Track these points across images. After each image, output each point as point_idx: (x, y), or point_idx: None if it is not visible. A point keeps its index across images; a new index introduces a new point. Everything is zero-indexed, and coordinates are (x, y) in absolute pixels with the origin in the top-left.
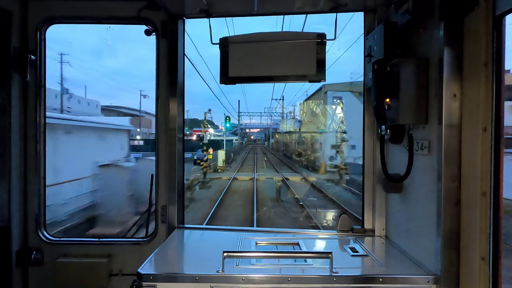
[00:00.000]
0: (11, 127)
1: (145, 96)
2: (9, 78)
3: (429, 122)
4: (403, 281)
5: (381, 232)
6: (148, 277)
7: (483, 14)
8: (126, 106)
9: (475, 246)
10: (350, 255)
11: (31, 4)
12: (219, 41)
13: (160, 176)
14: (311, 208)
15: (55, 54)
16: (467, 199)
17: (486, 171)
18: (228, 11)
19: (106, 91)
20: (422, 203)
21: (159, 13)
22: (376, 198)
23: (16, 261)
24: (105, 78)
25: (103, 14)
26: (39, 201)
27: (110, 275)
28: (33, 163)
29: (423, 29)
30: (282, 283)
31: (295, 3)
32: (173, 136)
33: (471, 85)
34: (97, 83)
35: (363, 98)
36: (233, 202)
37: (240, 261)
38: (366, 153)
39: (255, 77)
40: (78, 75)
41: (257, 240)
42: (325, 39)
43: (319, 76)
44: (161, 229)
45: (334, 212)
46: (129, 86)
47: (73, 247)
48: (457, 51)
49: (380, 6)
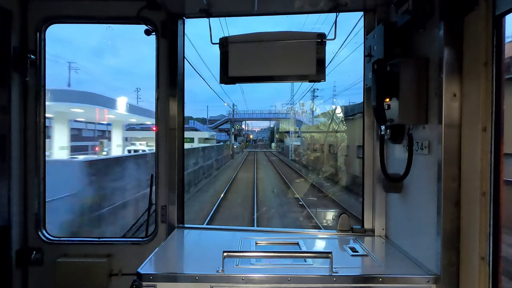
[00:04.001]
0: (11, 127)
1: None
2: (9, 78)
3: (429, 122)
4: (403, 281)
5: (381, 232)
6: (148, 277)
7: (483, 14)
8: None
9: (475, 246)
10: (350, 255)
11: (31, 4)
12: (219, 41)
13: (160, 175)
14: None
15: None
16: (467, 199)
17: (486, 171)
18: (228, 11)
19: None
20: (422, 203)
21: (159, 13)
22: (376, 198)
23: (16, 261)
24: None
25: (103, 14)
26: (39, 201)
27: (110, 275)
28: (33, 163)
29: (423, 29)
30: (282, 283)
31: (295, 3)
32: (173, 136)
33: (471, 85)
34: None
35: (363, 98)
36: None
37: (240, 261)
38: (366, 153)
39: (255, 77)
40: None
41: (257, 240)
42: (325, 39)
43: (319, 76)
44: (161, 229)
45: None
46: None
47: (73, 247)
48: (457, 51)
49: (380, 6)
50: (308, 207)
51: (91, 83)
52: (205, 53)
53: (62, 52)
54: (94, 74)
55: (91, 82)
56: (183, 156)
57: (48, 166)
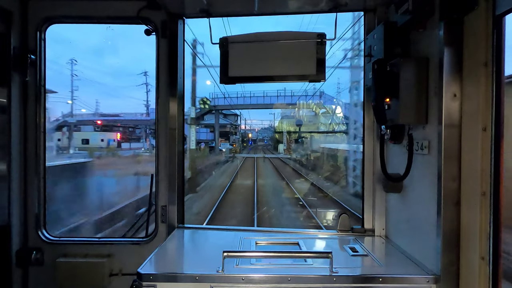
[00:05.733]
0: (11, 127)
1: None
2: (9, 78)
3: (429, 122)
4: (403, 281)
5: (381, 232)
6: (148, 277)
7: (483, 14)
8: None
9: (475, 246)
10: (350, 255)
11: (31, 4)
12: (219, 40)
13: (160, 175)
14: None
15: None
16: (467, 199)
17: (486, 171)
18: (228, 11)
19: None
20: (422, 203)
21: (159, 13)
22: (376, 198)
23: (16, 261)
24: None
25: (103, 13)
26: (39, 201)
27: (110, 275)
28: (33, 163)
29: (423, 29)
30: (282, 283)
31: (295, 3)
32: (173, 136)
33: (471, 85)
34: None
35: (363, 98)
36: None
37: (240, 261)
38: (366, 153)
39: (255, 77)
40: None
41: (257, 240)
42: (325, 39)
43: (319, 76)
44: (161, 229)
45: None
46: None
47: (73, 247)
48: (457, 51)
49: (380, 6)
50: None
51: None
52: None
53: (63, 52)
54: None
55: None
56: (183, 156)
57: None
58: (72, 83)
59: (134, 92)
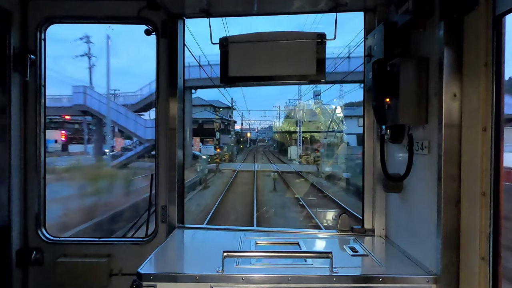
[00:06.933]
0: (11, 127)
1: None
2: (9, 78)
3: (429, 122)
4: (403, 281)
5: (381, 232)
6: (148, 277)
7: (483, 14)
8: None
9: (475, 246)
10: (350, 255)
11: (31, 4)
12: (219, 41)
13: (160, 176)
14: None
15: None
16: (467, 199)
17: (486, 171)
18: (228, 11)
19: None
20: (422, 203)
21: (159, 13)
22: (376, 197)
23: (16, 261)
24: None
25: (103, 13)
26: (39, 200)
27: (110, 275)
28: (33, 163)
29: (423, 29)
30: (282, 283)
31: (295, 3)
32: (173, 136)
33: (471, 85)
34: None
35: (363, 98)
36: None
37: (240, 261)
38: (366, 153)
39: (255, 77)
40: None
41: (257, 240)
42: (325, 39)
43: (319, 76)
44: (161, 229)
45: None
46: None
47: (73, 247)
48: (457, 51)
49: (380, 6)
50: None
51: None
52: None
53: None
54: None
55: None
56: (183, 156)
57: None
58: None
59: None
